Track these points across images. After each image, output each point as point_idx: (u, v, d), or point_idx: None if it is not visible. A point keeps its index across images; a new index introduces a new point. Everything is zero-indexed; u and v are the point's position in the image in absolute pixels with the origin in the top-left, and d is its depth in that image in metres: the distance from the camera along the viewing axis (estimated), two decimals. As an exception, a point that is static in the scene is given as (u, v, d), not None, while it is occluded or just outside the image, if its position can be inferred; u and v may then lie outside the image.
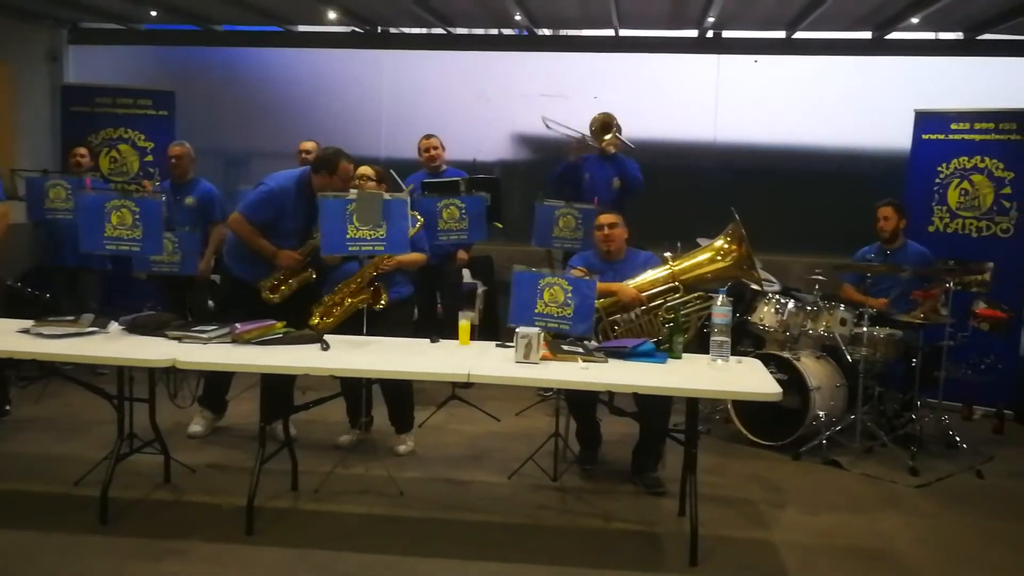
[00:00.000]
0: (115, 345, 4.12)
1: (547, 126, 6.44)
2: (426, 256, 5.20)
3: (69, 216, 5.65)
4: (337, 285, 4.92)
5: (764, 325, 5.83)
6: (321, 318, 4.84)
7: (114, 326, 4.40)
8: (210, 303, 6.22)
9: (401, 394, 5.15)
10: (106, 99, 7.75)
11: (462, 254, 6.38)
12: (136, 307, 4.57)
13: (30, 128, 7.83)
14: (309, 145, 6.59)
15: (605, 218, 5.00)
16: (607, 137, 6.38)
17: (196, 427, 5.37)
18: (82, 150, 6.58)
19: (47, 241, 6.43)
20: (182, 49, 8.56)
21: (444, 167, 6.48)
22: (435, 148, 6.42)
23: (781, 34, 7.62)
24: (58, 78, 8.25)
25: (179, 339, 4.20)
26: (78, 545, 3.84)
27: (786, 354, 5.54)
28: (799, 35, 7.53)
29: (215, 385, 5.45)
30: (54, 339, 4.14)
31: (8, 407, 5.62)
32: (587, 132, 6.43)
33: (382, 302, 4.85)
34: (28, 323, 4.32)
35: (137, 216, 4.69)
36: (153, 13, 7.61)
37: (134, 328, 4.35)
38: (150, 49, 8.57)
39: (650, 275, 4.91)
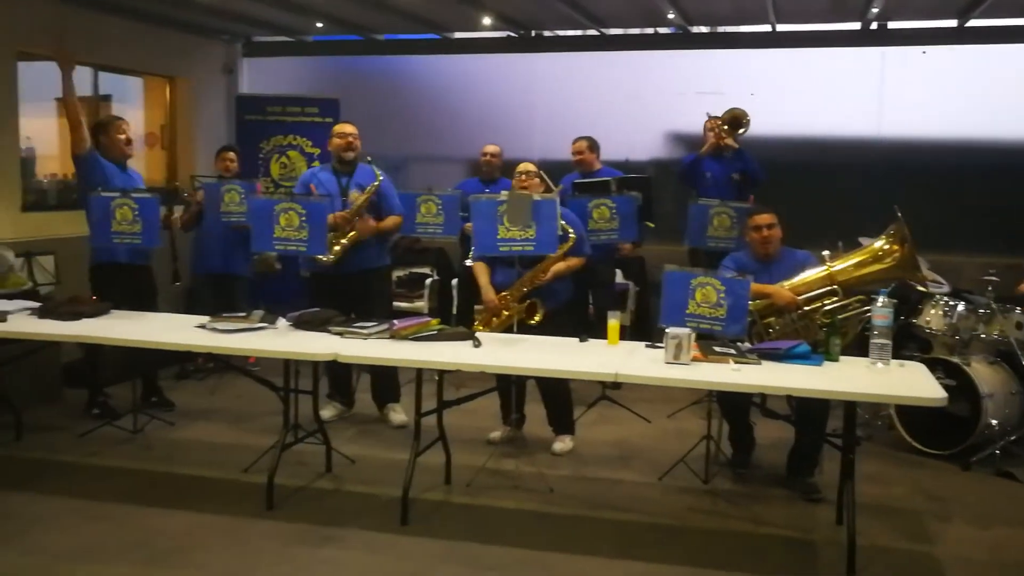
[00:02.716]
0: (282, 340, 4.36)
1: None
2: (583, 260, 5.16)
3: (243, 219, 6.01)
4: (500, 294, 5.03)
5: (931, 328, 5.55)
6: (482, 327, 4.96)
7: (281, 322, 4.65)
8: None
9: (558, 395, 5.19)
10: (276, 108, 8.19)
11: (627, 247, 6.37)
12: (295, 307, 4.81)
13: (208, 136, 8.36)
14: (493, 148, 6.78)
15: (762, 218, 4.83)
16: (740, 131, 6.26)
17: (324, 412, 5.56)
18: (231, 154, 6.78)
19: (205, 247, 6.60)
20: (346, 58, 8.94)
21: (599, 167, 6.49)
22: (580, 152, 6.44)
23: (952, 23, 7.23)
24: (233, 89, 8.78)
25: (341, 334, 4.40)
26: (246, 528, 4.08)
27: (955, 359, 5.25)
28: (972, 23, 7.12)
29: (338, 378, 5.72)
30: (227, 334, 4.42)
31: (169, 398, 5.94)
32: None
33: (536, 317, 4.91)
34: (205, 319, 4.63)
35: (304, 218, 4.97)
36: (319, 25, 7.98)
37: (300, 324, 4.58)
38: (316, 59, 8.99)
39: (807, 276, 4.75)
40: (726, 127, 6.34)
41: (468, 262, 6.15)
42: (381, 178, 5.43)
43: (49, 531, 4.00)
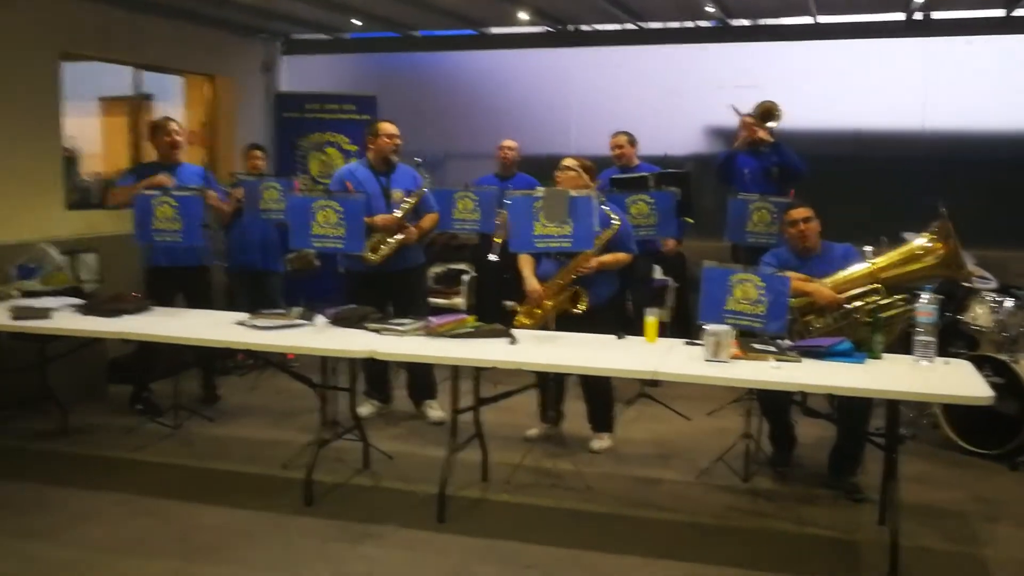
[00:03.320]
0: (320, 337, 4.38)
1: (736, 112, 6.28)
2: (631, 255, 5.10)
3: (281, 216, 6.05)
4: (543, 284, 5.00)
5: (978, 325, 5.43)
6: (525, 317, 4.95)
7: (319, 319, 4.67)
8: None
9: (600, 393, 5.16)
10: (314, 105, 8.24)
11: (670, 243, 6.30)
12: (333, 303, 4.84)
13: (248, 134, 8.43)
14: (510, 143, 6.78)
15: (799, 212, 4.74)
16: (771, 124, 6.13)
17: (361, 410, 5.59)
18: (258, 152, 6.90)
19: (243, 244, 6.67)
20: (383, 55, 8.97)
21: (637, 162, 6.44)
22: (620, 146, 6.40)
23: (1000, 12, 7.07)
24: (272, 87, 8.85)
25: (378, 331, 4.41)
26: (285, 524, 4.11)
27: (1003, 356, 5.13)
28: (1020, 12, 6.96)
29: (374, 376, 5.73)
30: (266, 330, 4.44)
31: (219, 393, 6.06)
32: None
33: (580, 306, 4.87)
34: (244, 316, 4.67)
35: (341, 215, 4.98)
36: (357, 22, 8.00)
37: (337, 321, 4.60)
38: (354, 57, 9.03)
39: (849, 273, 4.64)
40: (758, 120, 6.22)
41: (492, 257, 6.16)
42: (428, 184, 5.46)
43: (93, 525, 4.06)
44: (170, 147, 5.67)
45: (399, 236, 5.35)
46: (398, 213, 5.36)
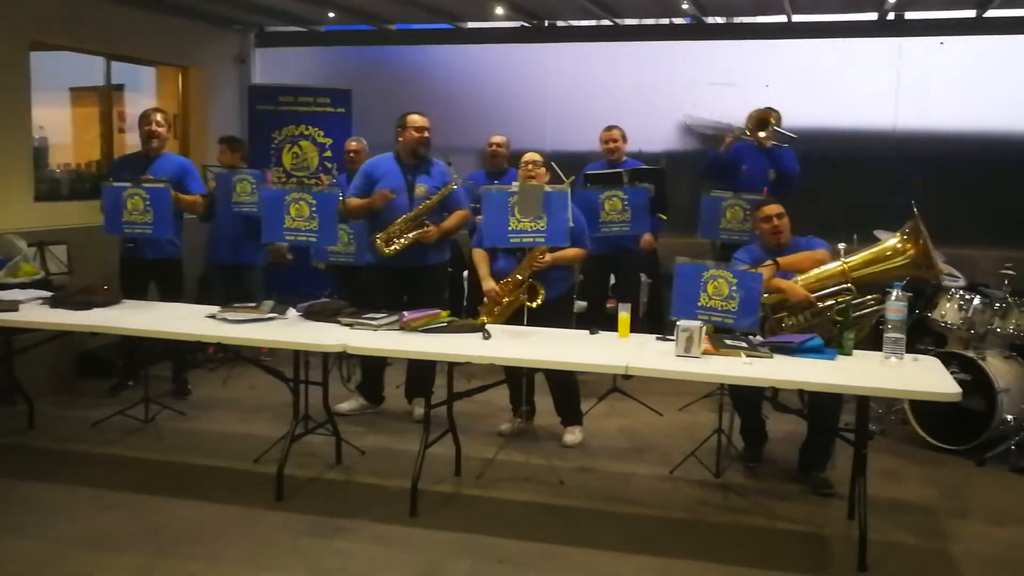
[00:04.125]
0: (292, 330, 4.35)
1: (688, 126, 6.27)
2: (585, 251, 5.17)
3: (255, 209, 5.99)
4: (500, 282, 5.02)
5: (946, 322, 5.50)
6: (486, 316, 4.94)
7: (292, 313, 4.64)
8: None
9: (565, 385, 5.18)
10: (288, 98, 8.17)
11: (648, 238, 6.25)
12: (308, 297, 4.82)
13: (221, 126, 8.35)
14: (500, 139, 6.76)
15: (771, 209, 4.78)
16: (762, 134, 6.13)
17: (345, 405, 5.58)
18: (232, 146, 6.73)
19: (217, 237, 6.59)
20: (358, 49, 8.90)
21: (624, 158, 6.44)
22: (615, 140, 6.37)
23: (971, 13, 7.14)
24: (245, 79, 8.77)
25: (351, 326, 4.39)
26: (257, 519, 4.08)
27: (970, 353, 5.20)
28: (991, 13, 7.04)
29: (371, 377, 5.70)
30: (237, 324, 4.41)
31: (189, 387, 6.02)
32: (734, 124, 6.22)
33: (538, 300, 4.89)
34: (215, 309, 4.63)
35: (314, 208, 4.96)
36: (332, 15, 7.95)
37: (310, 315, 4.58)
38: (328, 49, 8.95)
39: (820, 272, 4.67)
40: (753, 132, 6.18)
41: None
42: (457, 182, 5.30)
43: (61, 520, 4.01)
44: (148, 137, 5.65)
45: (413, 234, 5.17)
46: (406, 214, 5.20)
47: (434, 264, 5.40)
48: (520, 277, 4.95)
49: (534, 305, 4.89)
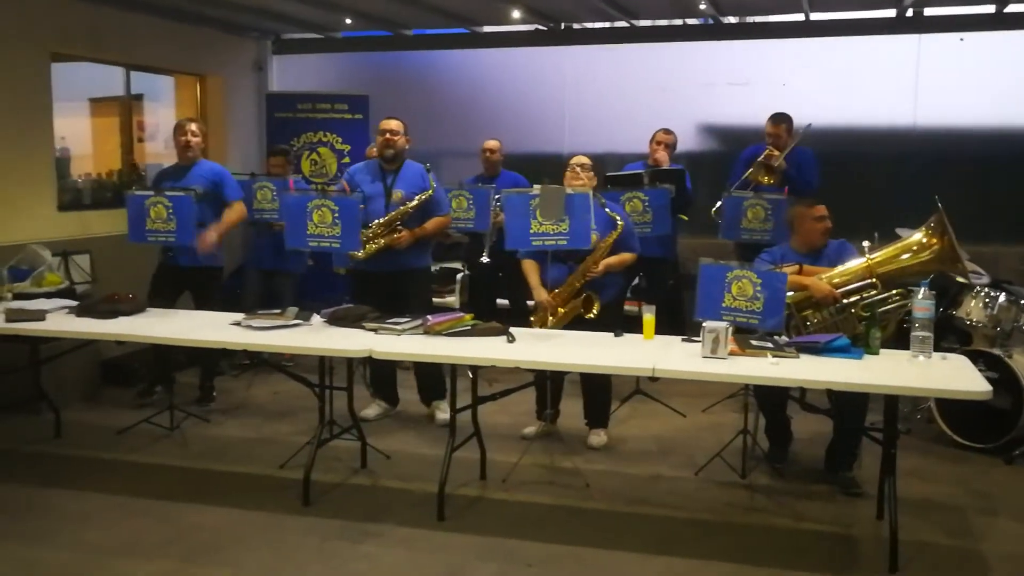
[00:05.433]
0: (317, 336, 4.36)
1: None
2: (636, 255, 5.12)
3: (275, 216, 6.01)
4: (552, 291, 4.99)
5: (971, 320, 5.46)
6: (540, 326, 4.93)
7: (316, 319, 4.65)
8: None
9: (599, 389, 5.17)
10: (306, 105, 8.20)
11: None
12: (333, 303, 4.83)
13: (239, 134, 8.41)
14: (493, 144, 6.76)
15: (822, 208, 4.77)
16: (775, 165, 6.01)
17: (369, 411, 5.58)
18: (278, 159, 6.90)
19: (255, 243, 6.83)
20: (375, 54, 8.93)
21: (667, 164, 6.39)
22: (667, 144, 6.34)
23: (990, 8, 7.09)
24: (263, 87, 8.81)
25: (375, 331, 4.39)
26: (283, 524, 4.09)
27: (996, 351, 5.16)
28: (1012, 8, 6.99)
29: (381, 378, 5.70)
30: (262, 331, 4.43)
31: (215, 394, 6.04)
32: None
33: (594, 311, 4.87)
34: (239, 316, 4.65)
35: (336, 215, 4.97)
36: (348, 21, 7.98)
37: (334, 320, 4.59)
38: (345, 56, 8.99)
39: (845, 268, 4.66)
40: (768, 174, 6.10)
41: (485, 259, 6.15)
42: (435, 187, 5.32)
43: (88, 527, 4.03)
44: (184, 148, 5.69)
45: (386, 238, 5.22)
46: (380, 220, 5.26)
47: (414, 269, 5.40)
48: (575, 286, 4.93)
49: (591, 316, 4.87)
